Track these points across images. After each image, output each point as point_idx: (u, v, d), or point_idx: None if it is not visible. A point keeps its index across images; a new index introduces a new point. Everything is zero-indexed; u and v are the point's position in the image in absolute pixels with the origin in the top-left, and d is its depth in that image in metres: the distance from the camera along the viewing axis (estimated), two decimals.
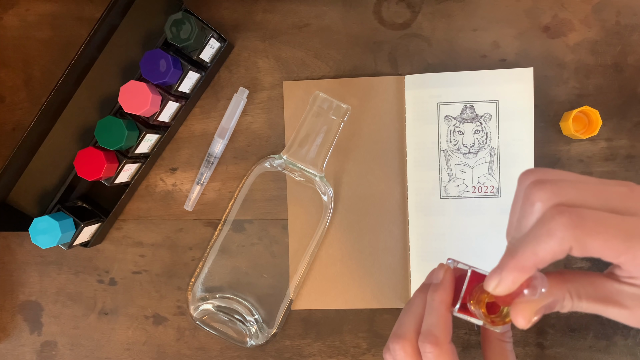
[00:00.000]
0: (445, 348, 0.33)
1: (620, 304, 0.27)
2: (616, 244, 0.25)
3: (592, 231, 0.25)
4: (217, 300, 0.55)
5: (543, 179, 0.27)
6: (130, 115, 0.51)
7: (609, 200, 0.26)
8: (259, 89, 0.56)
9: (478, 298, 0.32)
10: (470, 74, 0.53)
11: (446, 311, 0.34)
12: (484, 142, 0.54)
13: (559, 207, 0.26)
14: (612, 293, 0.27)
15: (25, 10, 0.56)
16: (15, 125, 0.57)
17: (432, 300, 0.34)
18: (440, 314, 0.33)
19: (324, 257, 0.56)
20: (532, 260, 0.26)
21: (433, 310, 0.34)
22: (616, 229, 0.25)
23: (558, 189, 0.27)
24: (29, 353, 0.58)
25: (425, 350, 0.33)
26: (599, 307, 0.27)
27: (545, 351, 0.56)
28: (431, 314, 0.34)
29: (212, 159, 0.56)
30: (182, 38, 0.48)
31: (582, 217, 0.25)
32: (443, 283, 0.34)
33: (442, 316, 0.33)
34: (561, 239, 0.25)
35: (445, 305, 0.34)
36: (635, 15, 0.54)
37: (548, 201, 0.27)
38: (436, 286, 0.34)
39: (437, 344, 0.33)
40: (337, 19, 0.55)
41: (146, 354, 0.58)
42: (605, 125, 0.54)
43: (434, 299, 0.34)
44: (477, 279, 0.33)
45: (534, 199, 0.27)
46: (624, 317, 0.27)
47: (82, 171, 0.49)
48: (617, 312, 0.27)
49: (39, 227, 0.50)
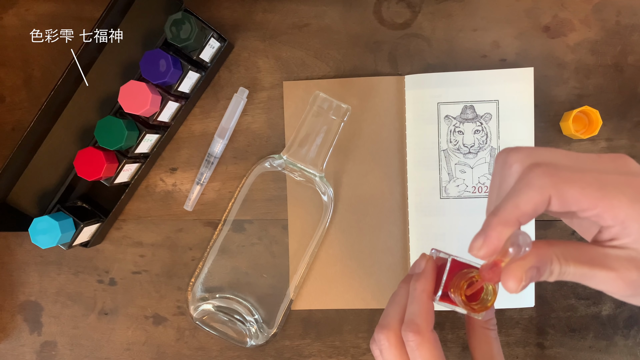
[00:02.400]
0: (427, 336, 0.34)
1: (607, 266, 0.26)
2: (592, 192, 0.25)
3: (569, 179, 0.26)
4: (217, 300, 0.55)
5: (518, 147, 0.29)
6: (130, 115, 0.51)
7: (580, 161, 0.27)
8: (259, 89, 0.56)
9: (458, 285, 0.32)
10: (470, 74, 0.53)
11: (428, 300, 0.34)
12: (484, 142, 0.54)
13: (535, 163, 0.27)
14: (598, 256, 0.27)
15: (25, 10, 0.56)
16: (15, 125, 0.57)
17: (414, 290, 0.35)
18: (422, 302, 0.34)
19: (324, 257, 0.56)
20: (514, 213, 0.26)
21: (415, 299, 0.34)
22: (591, 178, 0.26)
23: (533, 150, 0.28)
24: (29, 353, 0.58)
25: (408, 339, 0.34)
26: (586, 270, 0.27)
27: (545, 351, 0.56)
28: (413, 303, 0.34)
29: (212, 159, 0.56)
30: (182, 38, 0.48)
31: (558, 168, 0.26)
32: (424, 273, 0.35)
33: (424, 305, 0.34)
34: (540, 188, 0.26)
35: (427, 294, 0.34)
36: (635, 15, 0.54)
37: (525, 160, 0.28)
38: (418, 276, 0.35)
39: (419, 332, 0.33)
40: (337, 19, 0.55)
41: (146, 354, 0.58)
42: (605, 125, 0.54)
43: (416, 288, 0.34)
44: (457, 267, 0.34)
45: (511, 161, 0.28)
46: (611, 281, 0.26)
47: (82, 171, 0.49)
48: (604, 275, 0.26)
49: (39, 227, 0.50)
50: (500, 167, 0.30)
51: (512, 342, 0.56)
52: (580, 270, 0.27)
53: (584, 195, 0.26)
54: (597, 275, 0.26)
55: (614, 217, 0.26)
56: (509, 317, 0.56)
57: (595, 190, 0.26)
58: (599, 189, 0.26)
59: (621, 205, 0.25)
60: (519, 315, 0.56)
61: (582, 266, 0.27)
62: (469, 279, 0.33)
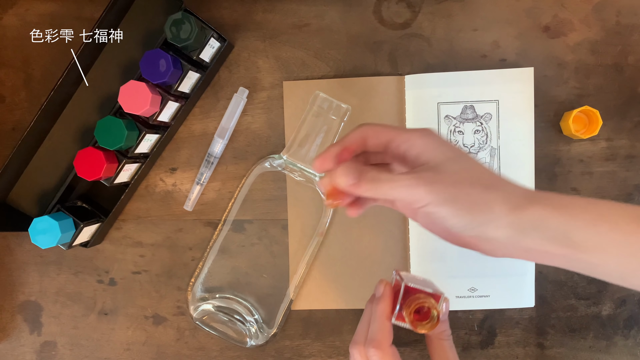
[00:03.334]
0: (387, 351, 0.40)
1: (405, 178, 0.33)
2: (395, 130, 0.35)
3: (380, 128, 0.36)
4: (217, 300, 0.55)
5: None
6: (130, 115, 0.51)
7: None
8: (259, 89, 0.56)
9: (408, 307, 0.39)
10: (470, 74, 0.53)
11: (386, 320, 0.41)
12: (484, 142, 0.54)
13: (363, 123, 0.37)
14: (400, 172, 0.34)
15: (25, 10, 0.56)
16: (15, 125, 0.57)
17: (374, 312, 0.41)
18: (381, 322, 0.41)
19: (324, 257, 0.56)
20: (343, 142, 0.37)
21: (375, 319, 0.41)
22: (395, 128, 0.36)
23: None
24: (29, 353, 0.58)
25: (370, 354, 0.40)
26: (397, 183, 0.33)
27: (546, 351, 0.56)
28: (374, 322, 0.41)
29: (212, 159, 0.56)
30: (182, 38, 0.48)
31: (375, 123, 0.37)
32: (382, 297, 0.42)
33: (383, 324, 0.41)
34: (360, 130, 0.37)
35: (385, 315, 0.41)
36: (635, 15, 0.54)
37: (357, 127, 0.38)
38: (378, 299, 0.42)
39: (379, 348, 0.40)
40: (337, 19, 0.55)
41: (146, 354, 0.58)
42: (605, 125, 0.54)
43: (376, 310, 0.41)
44: (410, 292, 0.40)
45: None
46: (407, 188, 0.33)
47: (82, 171, 0.49)
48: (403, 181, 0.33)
49: (39, 227, 0.50)
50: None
51: (512, 342, 0.56)
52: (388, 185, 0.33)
53: (390, 132, 0.36)
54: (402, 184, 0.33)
55: (406, 145, 0.35)
56: (509, 317, 0.56)
57: (391, 129, 0.36)
58: (399, 130, 0.35)
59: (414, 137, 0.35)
60: (519, 315, 0.56)
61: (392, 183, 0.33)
62: (417, 303, 0.39)
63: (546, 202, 0.32)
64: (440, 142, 0.34)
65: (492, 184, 0.32)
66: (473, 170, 0.33)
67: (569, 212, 0.32)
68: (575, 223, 0.32)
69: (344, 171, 0.34)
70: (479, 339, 0.56)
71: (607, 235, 0.32)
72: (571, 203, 0.32)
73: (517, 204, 0.31)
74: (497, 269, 0.54)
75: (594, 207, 0.32)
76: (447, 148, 0.34)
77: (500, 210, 0.32)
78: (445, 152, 0.34)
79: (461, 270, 0.54)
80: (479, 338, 0.56)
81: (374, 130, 0.36)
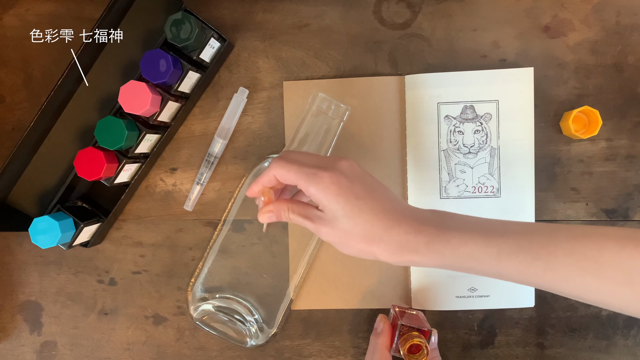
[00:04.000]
0: None
1: (311, 219, 0.41)
2: (300, 177, 0.40)
3: (288, 167, 0.41)
4: (217, 300, 0.55)
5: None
6: (130, 115, 0.51)
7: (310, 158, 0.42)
8: (259, 89, 0.56)
9: (404, 343, 0.48)
10: (470, 74, 0.53)
11: (386, 351, 0.49)
12: (484, 142, 0.54)
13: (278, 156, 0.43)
14: (310, 214, 0.41)
15: (25, 10, 0.56)
16: (15, 125, 0.57)
17: (375, 344, 0.50)
18: (382, 352, 0.49)
19: (324, 257, 0.56)
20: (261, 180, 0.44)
21: (376, 350, 0.50)
22: (303, 169, 0.40)
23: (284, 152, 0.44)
24: (29, 353, 0.58)
25: None
26: (301, 219, 0.42)
27: (545, 351, 0.56)
28: (376, 353, 0.49)
29: (212, 159, 0.56)
30: (182, 38, 0.48)
31: (287, 159, 0.42)
32: (382, 332, 0.50)
33: (383, 354, 0.49)
34: (269, 171, 0.42)
35: (385, 346, 0.49)
36: (635, 15, 0.54)
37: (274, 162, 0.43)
38: (378, 334, 0.51)
39: None
40: (337, 19, 0.55)
41: (146, 354, 0.58)
42: (605, 125, 0.54)
43: (377, 343, 0.50)
44: (406, 330, 0.49)
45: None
46: (312, 228, 0.41)
47: (82, 171, 0.49)
48: (308, 224, 0.41)
49: (39, 227, 0.50)
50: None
51: (512, 342, 0.56)
52: (298, 219, 0.42)
53: (294, 176, 0.41)
54: (306, 224, 0.41)
55: (312, 194, 0.40)
56: (509, 317, 0.56)
57: (303, 178, 0.40)
58: (305, 177, 0.40)
59: (314, 189, 0.40)
60: (519, 315, 0.56)
61: (299, 217, 0.42)
62: (410, 342, 0.47)
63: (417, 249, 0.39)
64: (337, 192, 0.39)
65: (377, 237, 0.39)
66: (364, 225, 0.39)
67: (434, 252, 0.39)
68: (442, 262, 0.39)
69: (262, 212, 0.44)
70: (478, 339, 0.56)
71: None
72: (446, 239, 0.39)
73: (393, 253, 0.39)
74: None
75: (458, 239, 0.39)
76: (344, 200, 0.39)
77: (383, 258, 0.40)
78: (342, 207, 0.39)
79: None
80: (479, 338, 0.56)
81: (280, 174, 0.41)
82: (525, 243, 0.37)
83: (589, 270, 0.36)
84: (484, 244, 0.38)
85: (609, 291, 0.36)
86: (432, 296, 0.55)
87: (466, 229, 0.39)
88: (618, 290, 0.36)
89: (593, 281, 0.36)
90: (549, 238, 0.37)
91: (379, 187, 0.41)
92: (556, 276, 0.37)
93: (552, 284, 0.37)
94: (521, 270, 0.37)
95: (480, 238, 0.38)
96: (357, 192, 0.40)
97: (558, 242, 0.37)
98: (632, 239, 0.36)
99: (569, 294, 0.38)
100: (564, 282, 0.37)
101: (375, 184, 0.41)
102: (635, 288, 0.35)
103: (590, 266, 0.36)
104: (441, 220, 0.40)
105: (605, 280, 0.36)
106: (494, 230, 0.39)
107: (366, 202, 0.39)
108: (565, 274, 0.36)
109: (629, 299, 0.36)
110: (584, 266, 0.36)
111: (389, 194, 0.41)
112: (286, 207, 0.43)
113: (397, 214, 0.40)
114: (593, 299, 0.37)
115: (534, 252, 0.37)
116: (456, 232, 0.39)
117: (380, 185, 0.42)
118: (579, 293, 0.37)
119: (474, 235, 0.38)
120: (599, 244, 0.36)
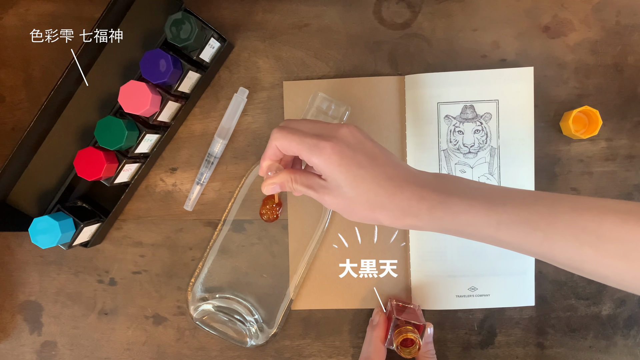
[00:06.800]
0: None
1: (314, 188, 0.41)
2: (302, 147, 0.40)
3: (291, 137, 0.40)
4: (217, 300, 0.55)
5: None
6: (130, 115, 0.51)
7: (311, 126, 0.42)
8: (259, 89, 0.56)
9: (397, 336, 0.49)
10: (470, 73, 0.53)
11: (380, 343, 0.51)
12: (484, 141, 0.54)
13: (280, 126, 0.42)
14: (314, 183, 0.41)
15: (25, 10, 0.56)
16: (15, 125, 0.57)
17: (371, 336, 0.52)
18: (377, 345, 0.51)
19: (324, 257, 0.56)
20: (266, 155, 0.43)
21: (371, 343, 0.52)
22: (305, 138, 0.40)
23: (286, 121, 0.44)
24: (29, 353, 0.58)
25: None
26: (305, 189, 0.42)
27: (545, 351, 0.56)
28: (371, 345, 0.51)
29: (212, 159, 0.56)
30: (182, 38, 0.48)
31: (289, 129, 0.41)
32: (378, 324, 0.52)
33: (378, 346, 0.51)
34: (271, 142, 0.42)
35: (380, 339, 0.51)
36: (635, 15, 0.54)
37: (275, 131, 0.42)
38: (374, 327, 0.53)
39: None
40: (337, 19, 0.55)
41: (146, 354, 0.58)
42: (605, 125, 0.54)
43: (373, 335, 0.52)
44: (400, 324, 0.50)
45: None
46: (316, 197, 0.42)
47: (82, 171, 0.49)
48: (312, 193, 0.42)
49: (39, 227, 0.50)
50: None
51: (512, 342, 0.56)
52: (302, 188, 0.42)
53: (296, 146, 0.40)
54: (310, 193, 0.42)
55: (313, 162, 0.40)
56: (509, 317, 0.56)
57: (305, 149, 0.40)
58: (299, 143, 0.40)
59: (316, 160, 0.40)
60: (519, 315, 0.56)
61: (303, 187, 0.42)
62: (403, 336, 0.49)
63: (419, 215, 0.39)
64: (339, 163, 0.39)
65: (380, 205, 0.39)
66: (368, 194, 0.39)
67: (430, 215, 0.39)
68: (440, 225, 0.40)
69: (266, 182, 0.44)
70: (479, 338, 0.56)
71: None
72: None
73: (395, 218, 0.40)
74: (497, 268, 0.54)
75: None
76: (346, 169, 0.39)
77: (386, 223, 0.40)
78: (344, 176, 0.39)
79: (461, 269, 0.54)
80: (479, 338, 0.56)
81: (282, 145, 0.41)
82: (526, 213, 0.37)
83: (588, 242, 0.36)
84: (484, 213, 0.38)
85: (606, 264, 0.36)
86: (432, 295, 0.55)
87: (468, 196, 0.39)
88: (615, 264, 0.35)
89: (591, 252, 0.36)
90: (550, 208, 0.37)
91: (381, 153, 0.41)
92: (554, 246, 0.37)
93: (549, 253, 0.37)
94: (519, 239, 0.37)
95: (481, 206, 0.38)
96: (359, 161, 0.40)
97: (558, 213, 0.37)
98: (634, 214, 0.35)
99: (565, 265, 0.38)
100: (562, 252, 0.37)
101: (377, 150, 0.41)
102: (632, 262, 0.35)
103: (589, 238, 0.36)
104: (444, 186, 0.40)
105: (603, 253, 0.36)
106: (496, 198, 0.38)
107: (368, 171, 0.40)
108: (563, 244, 0.36)
109: (624, 272, 0.36)
110: (583, 238, 0.36)
111: (391, 159, 0.41)
112: (290, 177, 0.43)
113: (400, 180, 0.40)
114: (589, 271, 0.37)
115: (533, 222, 0.37)
116: (458, 199, 0.39)
117: (382, 149, 0.42)
118: (575, 264, 0.37)
119: (475, 203, 0.38)
120: (600, 216, 0.36)
